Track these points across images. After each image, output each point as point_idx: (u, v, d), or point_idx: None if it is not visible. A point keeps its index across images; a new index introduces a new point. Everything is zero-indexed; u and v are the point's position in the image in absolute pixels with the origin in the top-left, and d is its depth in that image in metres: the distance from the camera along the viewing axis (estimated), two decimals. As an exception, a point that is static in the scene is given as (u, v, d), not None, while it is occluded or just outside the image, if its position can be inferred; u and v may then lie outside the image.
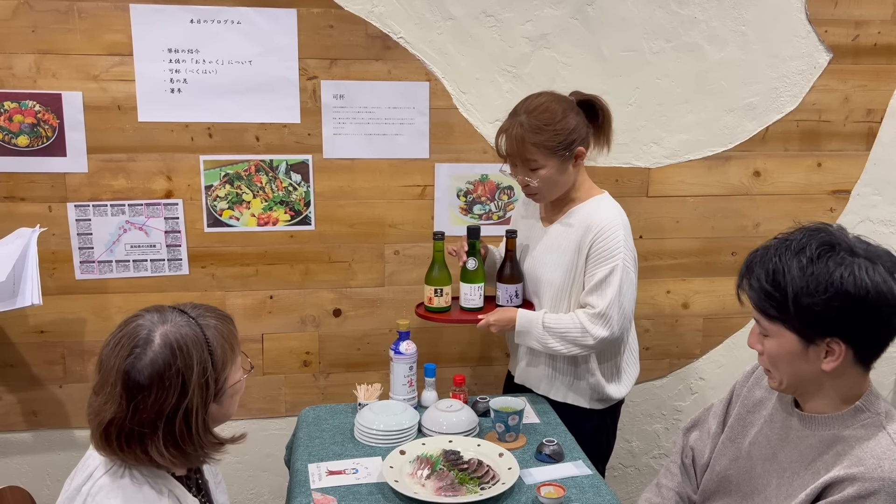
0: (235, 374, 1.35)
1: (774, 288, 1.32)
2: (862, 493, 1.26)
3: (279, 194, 2.41)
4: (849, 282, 1.26)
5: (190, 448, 1.26)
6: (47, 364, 2.42)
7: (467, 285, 2.12)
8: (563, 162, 1.94)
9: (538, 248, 2.08)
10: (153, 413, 1.22)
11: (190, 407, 1.23)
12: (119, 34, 2.23)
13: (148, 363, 1.21)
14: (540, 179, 1.95)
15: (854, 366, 1.34)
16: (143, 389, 1.21)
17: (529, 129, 1.90)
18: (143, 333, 1.24)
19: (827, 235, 1.32)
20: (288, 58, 2.31)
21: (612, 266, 1.92)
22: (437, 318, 2.15)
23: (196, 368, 1.24)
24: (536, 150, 1.91)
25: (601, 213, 1.98)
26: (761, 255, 1.37)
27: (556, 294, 2.03)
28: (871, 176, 2.70)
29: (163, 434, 1.23)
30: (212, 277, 2.44)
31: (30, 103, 2.23)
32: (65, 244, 2.33)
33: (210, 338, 1.28)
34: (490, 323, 2.02)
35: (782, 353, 1.36)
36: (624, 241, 1.94)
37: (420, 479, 1.72)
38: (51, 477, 2.50)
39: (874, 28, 2.56)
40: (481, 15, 2.37)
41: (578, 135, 1.94)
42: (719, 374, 2.80)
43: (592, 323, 1.93)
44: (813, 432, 1.40)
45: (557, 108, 1.92)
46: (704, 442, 1.69)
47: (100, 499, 1.23)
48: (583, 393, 2.09)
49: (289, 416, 2.56)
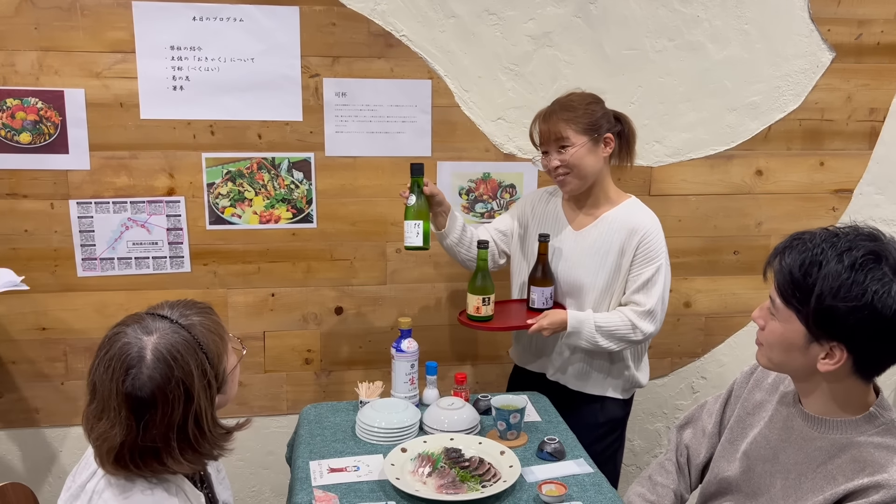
0: (231, 359, 1.35)
1: (804, 277, 1.29)
2: (888, 499, 1.26)
3: (281, 192, 2.41)
4: (880, 300, 1.23)
5: (206, 448, 1.26)
6: (49, 361, 2.42)
7: (406, 222, 2.04)
8: (592, 143, 2.01)
9: (573, 253, 2.10)
10: (164, 427, 1.20)
11: (199, 410, 1.23)
12: (121, 31, 2.23)
13: (147, 381, 1.18)
14: (571, 158, 2.00)
15: (852, 375, 1.33)
16: (150, 407, 1.19)
17: (560, 107, 2.02)
18: (134, 352, 1.20)
19: (877, 246, 1.27)
20: (290, 55, 2.31)
21: (657, 265, 2.03)
22: (482, 326, 2.11)
23: (196, 373, 1.22)
24: (567, 125, 1.99)
25: (641, 216, 2.07)
26: (804, 240, 1.32)
27: (599, 295, 2.08)
28: (874, 175, 2.70)
29: (178, 443, 1.22)
30: (214, 275, 2.44)
31: (32, 100, 2.23)
32: (67, 241, 2.34)
33: (199, 337, 1.26)
34: (543, 327, 2.03)
35: (783, 339, 1.35)
36: (664, 241, 2.07)
37: (421, 477, 1.71)
38: (52, 474, 2.51)
39: (877, 27, 2.56)
40: (484, 13, 2.37)
41: (606, 122, 2.03)
42: (721, 373, 2.80)
43: (641, 320, 2.02)
44: (822, 435, 1.39)
45: (588, 96, 2.06)
46: (699, 441, 1.68)
47: (106, 496, 1.23)
48: (616, 384, 2.16)
49: (290, 414, 2.57)
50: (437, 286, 2.57)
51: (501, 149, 2.49)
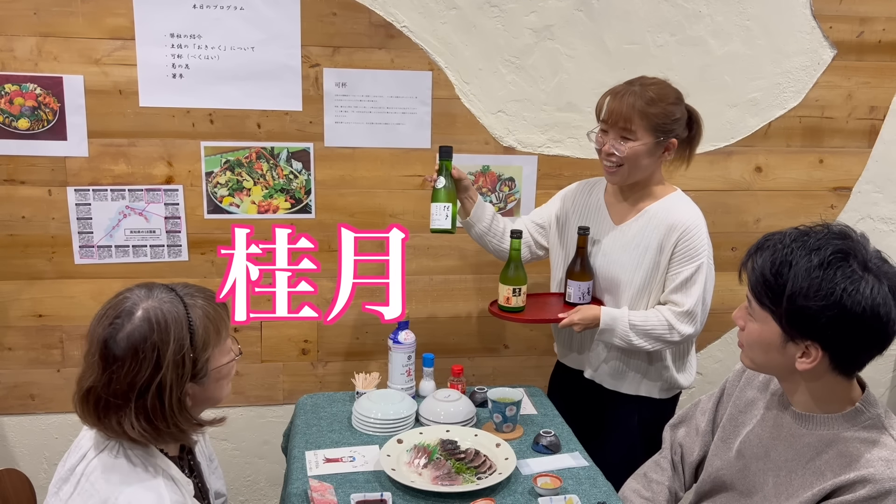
0: (221, 357, 1.34)
1: (775, 278, 1.31)
2: (873, 493, 1.27)
3: (280, 182, 2.41)
4: (849, 297, 1.24)
5: (162, 424, 1.25)
6: (45, 348, 2.42)
7: (434, 204, 1.99)
8: (656, 144, 1.92)
9: (613, 248, 2.03)
10: (125, 384, 1.23)
11: (164, 382, 1.24)
12: (121, 18, 2.22)
13: (125, 335, 1.23)
14: (628, 151, 1.90)
15: (831, 372, 1.34)
16: (118, 360, 1.22)
17: (643, 98, 1.88)
18: (127, 305, 1.26)
19: (845, 244, 1.28)
20: (290, 45, 2.31)
21: (697, 264, 1.93)
22: (514, 317, 2.06)
23: (172, 345, 1.24)
24: (640, 119, 1.88)
25: (683, 211, 1.97)
26: (775, 241, 1.34)
27: (636, 293, 2.00)
28: (873, 173, 2.70)
29: (135, 407, 1.23)
30: (211, 264, 2.43)
31: (31, 86, 2.22)
32: (64, 229, 2.33)
33: (193, 317, 1.28)
34: (574, 322, 1.96)
35: (761, 340, 1.36)
36: (706, 238, 1.96)
37: (417, 468, 1.72)
38: (48, 460, 2.51)
39: (879, 25, 2.56)
40: (485, 5, 2.36)
41: (678, 127, 1.94)
42: (717, 368, 2.80)
43: (679, 320, 1.93)
44: (810, 431, 1.40)
45: (672, 93, 1.93)
46: (693, 439, 1.69)
47: (94, 478, 1.24)
48: (653, 385, 2.08)
49: (286, 404, 2.57)
50: (435, 278, 2.57)
51: (501, 142, 2.48)
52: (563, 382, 2.25)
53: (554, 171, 2.52)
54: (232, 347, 1.39)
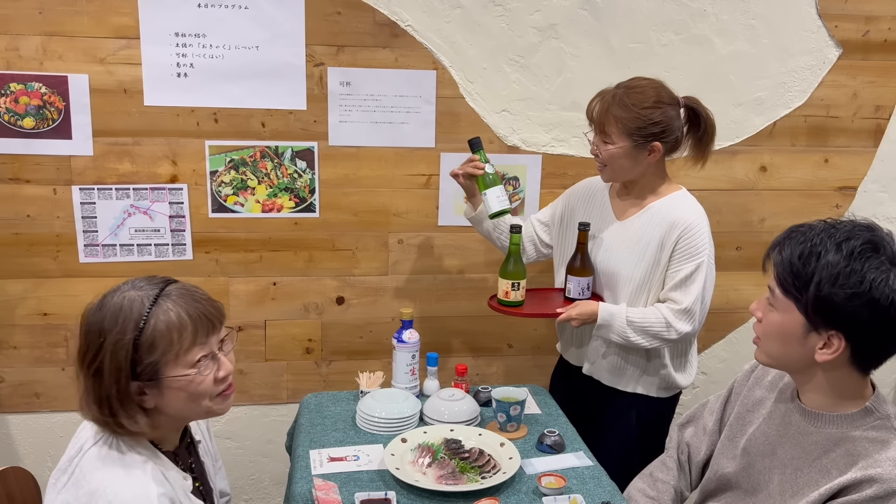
0: (176, 368, 1.25)
1: (804, 266, 1.30)
2: (880, 493, 1.27)
3: (284, 181, 2.41)
4: (878, 288, 1.24)
5: (105, 412, 1.26)
6: (50, 346, 2.42)
7: (492, 189, 2.04)
8: (634, 148, 1.92)
9: (614, 243, 2.04)
10: (79, 358, 1.27)
11: (101, 368, 1.24)
12: (126, 17, 2.22)
13: (89, 313, 1.27)
14: (607, 154, 1.94)
15: (849, 366, 1.34)
16: (80, 335, 1.28)
17: (616, 102, 1.90)
18: (114, 290, 1.29)
19: (874, 236, 1.29)
20: (295, 44, 2.31)
21: (697, 263, 1.93)
22: (512, 311, 2.08)
23: (111, 336, 1.23)
24: (614, 122, 1.90)
25: (685, 209, 1.98)
26: (803, 231, 1.35)
27: (635, 289, 2.00)
28: (878, 173, 2.69)
29: (84, 386, 1.27)
30: (216, 263, 2.44)
31: (36, 85, 2.23)
32: (69, 227, 2.34)
33: (151, 318, 1.24)
34: (572, 317, 1.97)
35: (782, 330, 1.36)
36: (708, 237, 1.97)
37: (421, 468, 1.72)
38: (52, 458, 2.51)
39: (885, 24, 2.55)
40: (490, 4, 2.36)
41: (662, 129, 1.92)
42: (721, 368, 2.80)
43: (677, 318, 1.94)
44: (818, 429, 1.39)
45: (651, 95, 1.91)
46: (700, 439, 1.69)
47: (86, 469, 1.26)
48: (651, 383, 2.08)
49: (290, 403, 2.57)
50: (439, 277, 2.57)
51: (505, 141, 2.48)
52: (562, 378, 2.26)
53: (558, 171, 2.52)
54: (198, 364, 1.27)
